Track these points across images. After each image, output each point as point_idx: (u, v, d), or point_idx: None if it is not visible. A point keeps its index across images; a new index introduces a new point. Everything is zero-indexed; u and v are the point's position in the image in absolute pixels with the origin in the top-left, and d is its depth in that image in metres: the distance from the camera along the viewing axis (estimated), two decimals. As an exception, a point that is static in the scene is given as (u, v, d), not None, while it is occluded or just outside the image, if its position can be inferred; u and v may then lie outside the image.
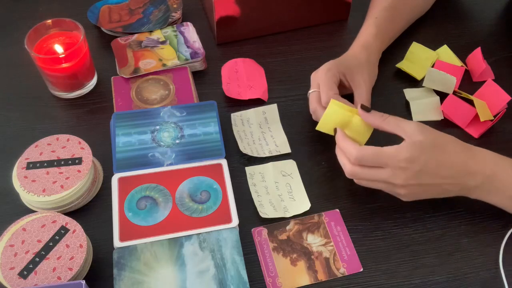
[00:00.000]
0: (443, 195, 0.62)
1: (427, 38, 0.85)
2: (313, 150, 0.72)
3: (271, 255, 0.62)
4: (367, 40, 0.75)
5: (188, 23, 0.85)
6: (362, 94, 0.70)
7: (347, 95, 0.71)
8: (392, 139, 0.62)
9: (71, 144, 0.66)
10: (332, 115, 0.64)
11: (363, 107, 0.63)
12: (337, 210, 0.66)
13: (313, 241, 0.63)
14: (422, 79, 0.79)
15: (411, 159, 0.58)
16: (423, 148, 0.59)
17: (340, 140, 0.63)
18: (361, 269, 0.61)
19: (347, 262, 0.61)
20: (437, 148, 0.59)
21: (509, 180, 0.60)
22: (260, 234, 0.63)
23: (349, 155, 0.61)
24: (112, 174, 0.66)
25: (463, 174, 0.60)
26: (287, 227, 0.64)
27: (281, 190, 0.67)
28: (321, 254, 0.62)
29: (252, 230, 0.64)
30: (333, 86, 0.68)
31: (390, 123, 0.61)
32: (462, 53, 0.83)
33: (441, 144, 0.60)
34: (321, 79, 0.69)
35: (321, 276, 0.60)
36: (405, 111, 0.77)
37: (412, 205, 0.64)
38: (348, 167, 0.62)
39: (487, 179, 0.60)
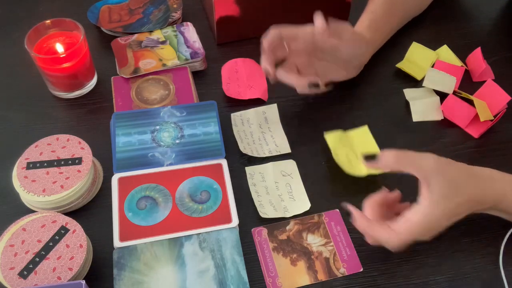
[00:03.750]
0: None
1: (427, 38, 0.85)
2: (313, 150, 0.71)
3: (271, 255, 0.62)
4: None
5: (188, 23, 0.85)
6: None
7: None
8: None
9: (71, 144, 0.66)
10: (335, 145, 0.70)
11: (366, 158, 0.59)
12: (337, 210, 0.66)
13: (313, 241, 0.63)
14: (422, 79, 0.79)
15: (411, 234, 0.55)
16: (438, 204, 0.55)
17: (371, 230, 0.57)
18: (361, 269, 0.61)
19: (347, 262, 0.61)
20: (449, 200, 0.55)
21: None
22: (260, 234, 0.63)
23: (388, 245, 0.57)
24: (112, 174, 0.66)
25: (473, 206, 0.58)
26: (287, 227, 0.64)
27: (281, 190, 0.67)
28: (321, 254, 0.62)
29: (252, 230, 0.64)
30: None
31: (405, 163, 0.56)
32: (462, 53, 0.83)
33: (454, 191, 0.56)
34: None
35: (321, 276, 0.60)
36: (405, 111, 0.77)
37: (412, 205, 0.64)
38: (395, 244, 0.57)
39: (494, 203, 0.59)
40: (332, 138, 0.71)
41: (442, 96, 0.76)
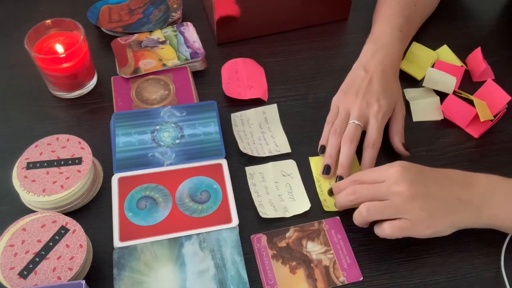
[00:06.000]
0: (458, 210, 0.58)
1: (427, 38, 0.85)
2: (313, 150, 0.71)
3: (270, 263, 0.61)
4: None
5: (188, 23, 0.85)
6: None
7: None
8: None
9: (71, 144, 0.66)
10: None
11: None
12: (338, 217, 0.65)
13: (313, 248, 0.62)
14: (422, 79, 0.79)
15: (403, 167, 0.59)
16: (410, 165, 0.60)
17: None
18: (361, 278, 0.60)
19: (347, 271, 0.60)
20: (424, 168, 0.60)
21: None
22: (260, 241, 0.63)
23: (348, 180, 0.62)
24: (112, 174, 0.66)
25: (462, 183, 0.59)
26: (287, 234, 0.63)
27: (281, 190, 0.67)
28: (320, 262, 0.61)
29: (251, 237, 0.63)
30: None
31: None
32: (462, 53, 0.83)
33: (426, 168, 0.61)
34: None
35: (321, 285, 0.59)
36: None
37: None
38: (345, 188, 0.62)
39: (488, 186, 0.59)
40: (317, 162, 0.69)
41: (442, 96, 0.76)
